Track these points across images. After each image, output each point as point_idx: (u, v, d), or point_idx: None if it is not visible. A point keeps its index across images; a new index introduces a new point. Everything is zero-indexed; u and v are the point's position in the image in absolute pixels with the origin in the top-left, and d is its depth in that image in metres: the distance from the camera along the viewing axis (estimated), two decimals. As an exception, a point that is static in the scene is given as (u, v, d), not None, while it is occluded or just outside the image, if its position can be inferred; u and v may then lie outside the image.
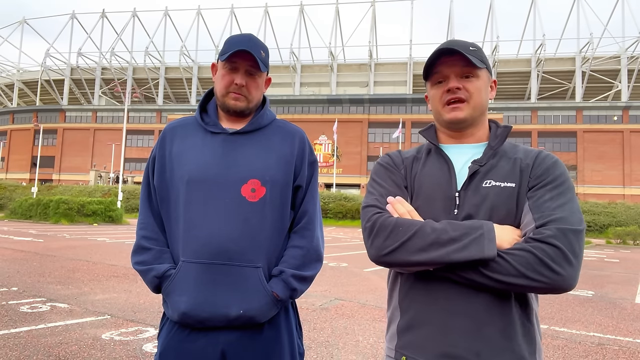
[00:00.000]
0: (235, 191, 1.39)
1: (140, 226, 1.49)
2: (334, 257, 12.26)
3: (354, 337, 4.66)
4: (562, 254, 1.05)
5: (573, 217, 1.09)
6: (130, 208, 34.64)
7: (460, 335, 1.12)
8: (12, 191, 35.36)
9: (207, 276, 1.36)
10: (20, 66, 75.37)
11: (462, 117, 1.23)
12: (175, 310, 1.37)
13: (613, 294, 8.05)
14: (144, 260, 1.44)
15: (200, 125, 1.50)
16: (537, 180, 1.16)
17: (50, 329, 4.50)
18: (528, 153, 1.23)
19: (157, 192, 1.48)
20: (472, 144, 1.28)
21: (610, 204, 31.63)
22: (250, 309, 1.36)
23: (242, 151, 1.44)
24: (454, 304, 1.14)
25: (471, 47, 1.23)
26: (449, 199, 1.20)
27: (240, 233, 1.38)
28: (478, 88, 1.24)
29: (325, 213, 34.03)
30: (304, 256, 1.46)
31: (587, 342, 4.87)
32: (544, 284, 1.05)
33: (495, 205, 1.16)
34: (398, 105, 57.21)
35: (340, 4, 67.36)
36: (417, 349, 1.17)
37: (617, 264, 13.44)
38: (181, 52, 67.91)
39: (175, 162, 1.45)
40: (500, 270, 1.07)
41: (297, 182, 1.49)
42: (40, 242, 13.22)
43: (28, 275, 7.44)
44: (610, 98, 58.90)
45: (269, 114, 1.55)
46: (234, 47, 1.42)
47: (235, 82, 1.44)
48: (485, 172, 1.20)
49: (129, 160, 59.60)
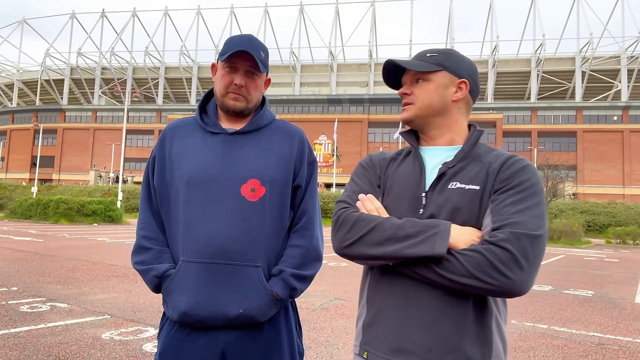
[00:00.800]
0: (235, 191, 1.40)
1: (140, 226, 1.50)
2: (334, 257, 12.26)
3: (354, 337, 4.66)
4: (512, 258, 1.05)
5: (531, 222, 1.09)
6: (130, 208, 34.64)
7: (413, 331, 1.15)
8: (12, 191, 35.34)
9: (207, 276, 1.36)
10: (20, 66, 75.41)
11: (407, 117, 1.32)
12: (175, 309, 1.37)
13: (613, 294, 8.05)
14: (144, 260, 1.44)
15: (200, 126, 1.50)
16: (501, 184, 1.17)
17: (50, 328, 4.50)
18: (498, 157, 1.24)
19: (157, 192, 1.48)
20: (447, 147, 1.30)
21: (610, 204, 31.64)
22: (250, 309, 1.36)
23: (241, 151, 1.45)
24: (410, 300, 1.17)
25: (430, 53, 1.31)
26: (416, 198, 1.24)
27: (240, 232, 1.38)
28: (426, 90, 1.29)
29: (325, 213, 33.99)
30: (303, 255, 1.46)
31: (587, 342, 4.87)
32: (493, 286, 1.06)
33: (457, 206, 1.18)
34: (398, 105, 57.12)
35: (340, 4, 67.41)
36: (376, 343, 1.21)
37: (617, 264, 13.45)
38: (181, 52, 67.95)
39: (175, 163, 1.45)
40: (450, 269, 1.09)
41: (297, 181, 1.50)
42: (40, 242, 13.22)
43: (28, 275, 7.43)
44: (610, 98, 58.93)
45: (268, 114, 1.55)
46: (233, 47, 1.42)
47: (235, 82, 1.45)
48: (452, 174, 1.22)
49: (128, 160, 59.59)
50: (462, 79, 1.29)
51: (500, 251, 1.06)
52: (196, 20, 69.34)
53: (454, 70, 1.29)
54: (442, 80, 1.29)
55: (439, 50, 1.32)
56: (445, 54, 1.31)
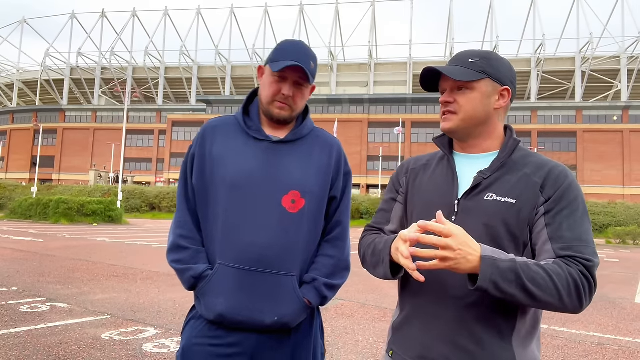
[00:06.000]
0: (276, 201, 1.41)
1: (177, 224, 1.49)
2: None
3: (354, 337, 4.66)
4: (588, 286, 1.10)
5: (589, 249, 1.12)
6: (130, 208, 34.62)
7: (435, 341, 1.18)
8: (12, 191, 35.34)
9: (244, 282, 1.39)
10: (20, 66, 75.45)
11: (449, 127, 1.27)
12: (211, 310, 1.39)
13: (613, 294, 8.05)
14: (181, 258, 1.45)
15: (243, 129, 1.49)
16: (551, 205, 1.15)
17: (50, 328, 4.50)
18: (538, 168, 1.20)
19: (195, 191, 1.48)
20: (481, 154, 1.27)
21: (610, 204, 31.60)
22: (285, 316, 1.40)
23: (283, 161, 1.45)
24: (434, 310, 1.20)
25: (471, 58, 1.25)
26: (447, 206, 1.22)
27: (279, 243, 1.40)
28: (470, 100, 1.24)
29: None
30: (335, 265, 1.50)
31: (587, 342, 4.88)
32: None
33: (491, 219, 1.16)
34: (398, 105, 57.22)
35: (340, 4, 67.45)
36: (401, 346, 1.26)
37: (616, 264, 13.44)
38: (181, 52, 67.97)
39: (216, 163, 1.45)
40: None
41: (332, 192, 1.52)
42: (40, 242, 13.22)
43: (28, 275, 7.44)
44: (610, 98, 58.96)
45: (309, 123, 1.56)
46: (286, 57, 1.41)
47: (283, 92, 1.44)
48: (487, 185, 1.20)
49: (128, 160, 59.62)
50: (504, 87, 1.24)
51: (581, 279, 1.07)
52: (196, 20, 69.42)
53: (497, 77, 1.24)
54: (486, 89, 1.24)
55: (480, 54, 1.26)
56: (487, 59, 1.25)
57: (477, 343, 1.13)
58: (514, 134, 1.27)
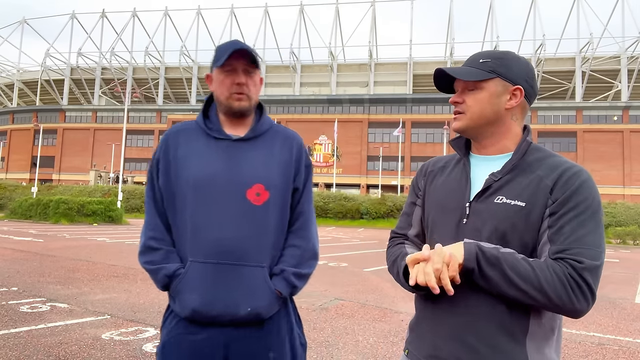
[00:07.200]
0: (241, 195, 1.46)
1: (147, 227, 1.55)
2: (334, 257, 12.26)
3: (353, 337, 4.66)
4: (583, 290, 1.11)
5: (590, 251, 1.10)
6: (130, 208, 34.62)
7: (446, 341, 1.19)
8: (12, 191, 35.35)
9: (215, 276, 1.43)
10: (20, 66, 75.42)
11: (458, 127, 1.28)
12: (185, 307, 1.44)
13: (613, 294, 8.05)
14: (153, 259, 1.50)
15: (204, 131, 1.55)
16: (557, 207, 1.13)
17: (50, 329, 4.50)
18: (552, 169, 1.17)
19: (162, 193, 1.53)
20: (497, 155, 1.27)
21: (610, 204, 31.58)
22: (257, 307, 1.44)
23: (245, 157, 1.51)
24: (445, 309, 1.20)
25: (483, 59, 1.25)
26: (460, 209, 1.24)
27: (247, 235, 1.45)
28: (478, 100, 1.24)
29: (325, 213, 34.03)
30: (301, 255, 1.55)
31: (587, 342, 4.88)
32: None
33: (500, 222, 1.16)
34: (398, 105, 57.22)
35: (340, 4, 67.42)
36: (416, 346, 1.28)
37: (617, 264, 13.44)
38: (181, 52, 67.96)
39: (180, 166, 1.50)
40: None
41: (295, 184, 1.57)
42: (40, 242, 13.23)
43: (28, 275, 7.44)
44: (610, 98, 58.93)
45: (267, 119, 1.62)
46: (227, 51, 1.47)
47: (236, 81, 1.49)
48: (498, 187, 1.19)
49: (129, 160, 59.60)
50: (516, 86, 1.23)
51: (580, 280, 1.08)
52: (196, 21, 69.38)
53: (508, 76, 1.23)
54: (495, 89, 1.23)
55: (493, 54, 1.26)
56: (499, 59, 1.24)
57: (487, 344, 1.13)
58: (529, 135, 1.26)
